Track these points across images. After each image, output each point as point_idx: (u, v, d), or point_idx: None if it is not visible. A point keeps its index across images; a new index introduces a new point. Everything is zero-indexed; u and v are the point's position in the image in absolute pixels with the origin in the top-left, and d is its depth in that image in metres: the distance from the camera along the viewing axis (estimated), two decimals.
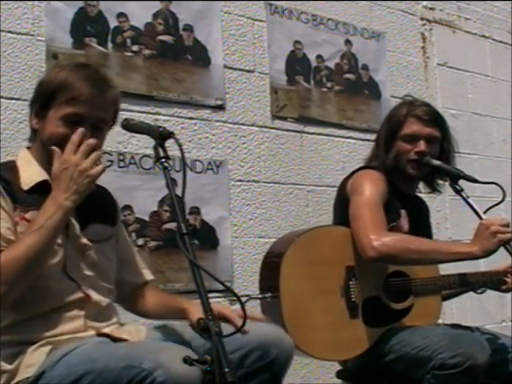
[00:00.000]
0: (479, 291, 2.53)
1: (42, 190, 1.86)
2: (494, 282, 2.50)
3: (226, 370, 1.40)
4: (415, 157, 2.45)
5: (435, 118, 2.50)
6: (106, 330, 1.87)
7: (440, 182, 2.58)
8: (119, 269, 2.07)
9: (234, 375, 1.40)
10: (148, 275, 2.16)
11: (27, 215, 1.82)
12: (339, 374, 2.60)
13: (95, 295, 1.90)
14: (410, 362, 2.24)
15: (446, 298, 2.64)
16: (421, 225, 2.54)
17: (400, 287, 2.40)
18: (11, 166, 1.92)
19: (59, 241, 1.85)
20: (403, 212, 2.49)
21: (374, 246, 2.24)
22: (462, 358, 2.11)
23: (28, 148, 1.97)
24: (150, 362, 1.54)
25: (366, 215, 2.33)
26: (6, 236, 1.77)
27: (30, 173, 1.89)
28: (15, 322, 1.80)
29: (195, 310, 1.82)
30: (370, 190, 2.39)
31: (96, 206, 1.97)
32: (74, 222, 1.90)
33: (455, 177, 2.41)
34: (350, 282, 2.35)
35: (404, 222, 2.49)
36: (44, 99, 1.88)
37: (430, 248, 2.30)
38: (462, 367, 2.10)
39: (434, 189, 2.60)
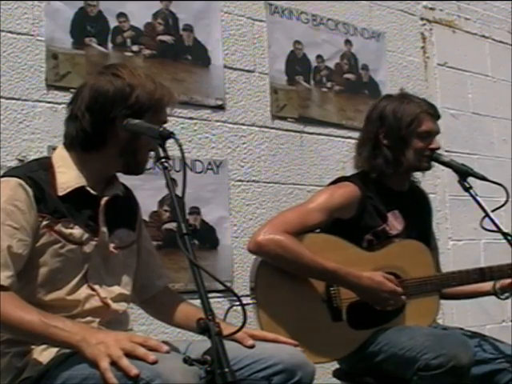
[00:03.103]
0: (503, 297, 2.47)
1: (76, 197, 1.83)
2: (505, 277, 2.44)
3: (226, 369, 1.40)
4: (429, 153, 2.44)
5: (438, 114, 2.51)
6: None
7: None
8: (144, 272, 2.06)
9: (234, 375, 1.40)
10: (167, 277, 2.16)
11: (56, 227, 1.79)
12: (335, 373, 2.60)
13: (114, 304, 1.89)
14: (398, 363, 2.24)
15: (462, 296, 2.61)
16: (415, 221, 2.51)
17: None
18: (47, 164, 1.86)
19: (88, 250, 1.84)
20: (395, 213, 2.47)
21: (257, 240, 2.27)
22: (444, 358, 2.11)
23: (66, 148, 1.90)
24: (148, 372, 1.52)
25: (284, 215, 2.40)
26: (15, 250, 1.72)
27: (68, 176, 1.84)
28: None
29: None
30: (315, 198, 2.42)
31: (121, 210, 1.95)
32: (104, 228, 1.88)
33: (464, 174, 2.39)
34: (331, 288, 2.34)
35: (396, 223, 2.47)
36: (137, 110, 1.84)
37: (307, 265, 2.28)
38: (446, 368, 2.10)
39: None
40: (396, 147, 2.44)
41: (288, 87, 3.54)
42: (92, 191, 1.87)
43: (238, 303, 1.50)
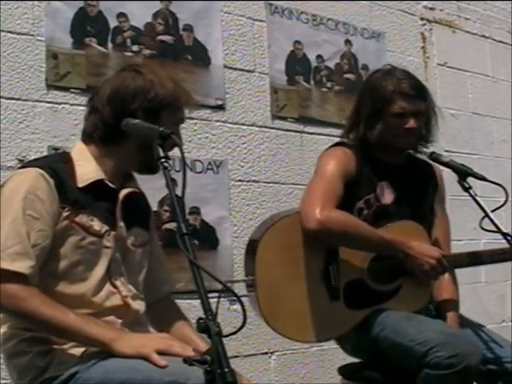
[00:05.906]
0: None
1: (95, 189, 1.84)
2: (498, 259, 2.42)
3: (226, 369, 1.40)
4: (405, 133, 2.40)
5: (420, 92, 2.44)
6: None
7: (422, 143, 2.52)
8: (150, 276, 2.04)
9: (234, 375, 1.40)
10: (172, 285, 2.15)
11: (77, 218, 1.80)
12: (341, 371, 2.59)
13: (134, 304, 1.89)
14: (404, 353, 2.22)
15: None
16: (407, 195, 2.47)
17: (387, 269, 2.37)
18: (66, 158, 1.88)
19: (108, 244, 1.84)
20: (383, 184, 2.44)
21: (319, 218, 2.23)
22: (457, 359, 2.10)
23: (85, 143, 1.92)
24: (197, 380, 1.50)
25: (318, 188, 2.34)
26: (35, 241, 1.72)
27: (87, 169, 1.86)
28: None
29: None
30: (328, 166, 2.40)
31: (136, 209, 1.96)
32: (122, 223, 1.88)
33: (464, 174, 2.39)
34: (330, 266, 2.34)
35: (385, 194, 2.43)
36: (156, 105, 1.87)
37: (367, 237, 2.30)
38: (456, 368, 2.09)
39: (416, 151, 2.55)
40: (368, 123, 2.43)
41: (288, 87, 3.54)
42: (111, 184, 1.88)
43: (226, 299, 1.50)
